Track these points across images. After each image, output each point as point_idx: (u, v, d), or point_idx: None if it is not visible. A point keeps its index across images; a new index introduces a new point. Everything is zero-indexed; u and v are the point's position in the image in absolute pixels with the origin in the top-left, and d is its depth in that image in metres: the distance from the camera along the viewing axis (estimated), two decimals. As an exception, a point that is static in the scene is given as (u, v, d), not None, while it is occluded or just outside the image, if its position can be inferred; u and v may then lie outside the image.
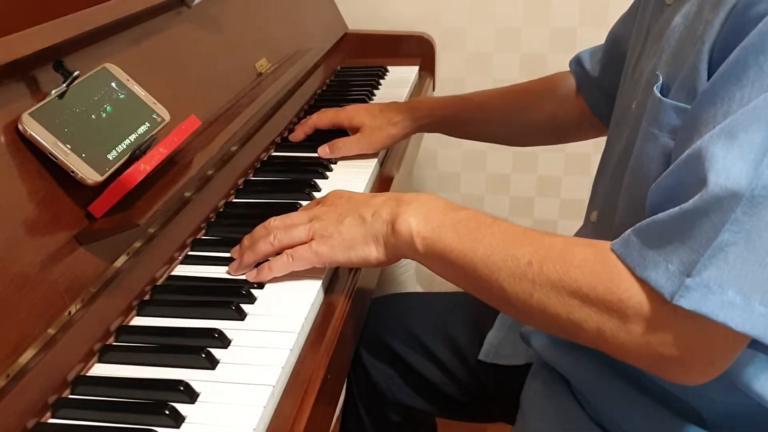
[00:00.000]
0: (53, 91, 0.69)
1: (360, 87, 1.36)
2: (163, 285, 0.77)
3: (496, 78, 1.65)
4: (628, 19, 0.93)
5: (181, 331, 0.69)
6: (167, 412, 0.58)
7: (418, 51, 1.56)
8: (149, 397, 0.61)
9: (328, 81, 1.40)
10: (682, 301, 0.54)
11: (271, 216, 0.79)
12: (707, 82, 0.59)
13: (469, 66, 1.66)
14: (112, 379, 0.63)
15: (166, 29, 0.93)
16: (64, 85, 0.70)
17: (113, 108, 0.75)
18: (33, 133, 0.65)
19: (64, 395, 0.62)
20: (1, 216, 0.61)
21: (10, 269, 0.60)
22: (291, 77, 1.13)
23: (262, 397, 0.60)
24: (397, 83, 1.41)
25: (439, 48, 1.59)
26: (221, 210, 0.92)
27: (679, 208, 0.56)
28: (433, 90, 1.58)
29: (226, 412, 0.59)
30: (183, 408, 0.59)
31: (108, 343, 0.68)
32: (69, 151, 0.67)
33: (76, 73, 0.71)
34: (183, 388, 0.60)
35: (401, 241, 0.70)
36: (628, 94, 0.78)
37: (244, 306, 0.71)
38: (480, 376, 0.96)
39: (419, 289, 1.80)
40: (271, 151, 1.09)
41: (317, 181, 0.98)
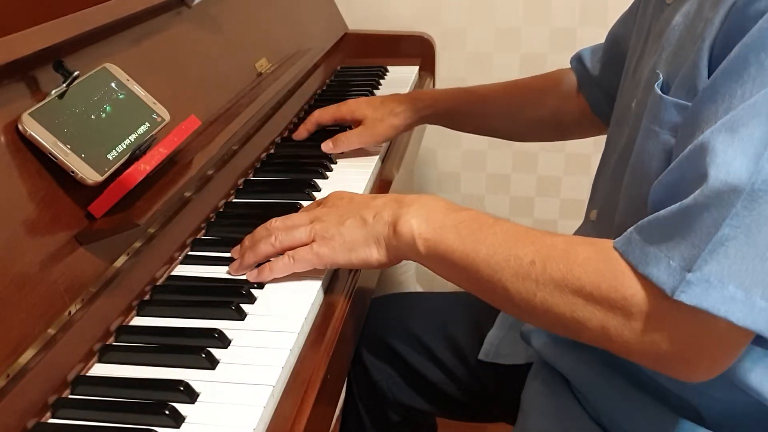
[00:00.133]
0: (53, 91, 0.69)
1: (360, 87, 1.36)
2: (163, 285, 0.77)
3: (496, 78, 1.63)
4: (628, 18, 0.93)
5: (181, 331, 0.69)
6: (167, 412, 0.58)
7: (418, 51, 1.56)
8: (149, 397, 0.61)
9: (328, 81, 1.40)
10: (683, 297, 0.54)
11: (271, 216, 0.79)
12: (707, 79, 0.60)
13: (469, 66, 1.66)
14: (112, 379, 0.63)
15: (166, 29, 0.93)
16: (64, 85, 0.70)
17: (113, 108, 0.75)
18: (33, 133, 0.65)
19: (64, 395, 0.62)
20: (1, 216, 0.61)
21: (10, 269, 0.60)
22: (291, 77, 1.13)
23: (262, 397, 0.60)
24: (397, 83, 1.41)
25: (439, 48, 1.59)
26: (221, 210, 0.92)
27: (679, 203, 0.56)
28: (433, 90, 1.58)
29: (226, 412, 0.59)
30: (183, 408, 0.59)
31: (108, 343, 0.68)
32: (69, 151, 0.67)
33: (76, 73, 0.71)
34: (183, 388, 0.60)
35: (403, 243, 0.70)
36: (629, 94, 0.78)
37: (244, 306, 0.71)
38: (480, 376, 0.96)
39: (419, 289, 1.80)
40: (271, 150, 1.10)
41: (317, 181, 0.98)
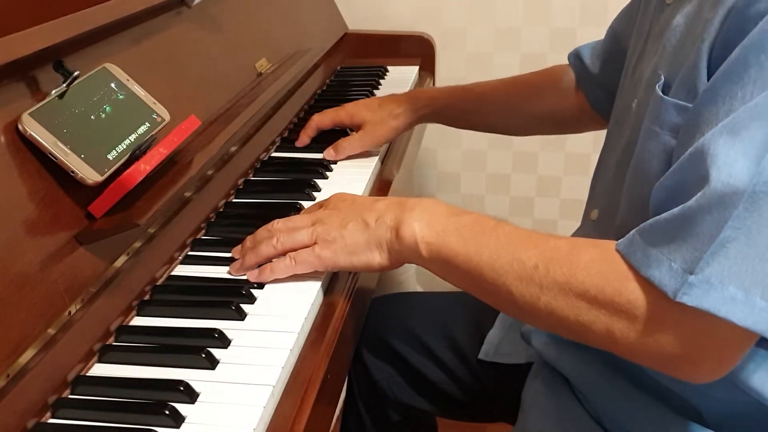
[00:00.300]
0: (53, 91, 0.69)
1: (360, 87, 1.36)
2: (163, 285, 0.77)
3: (496, 78, 1.65)
4: (628, 15, 0.93)
5: (181, 331, 0.69)
6: (167, 412, 0.58)
7: (418, 51, 1.55)
8: (149, 397, 0.61)
9: (328, 81, 1.40)
10: (685, 298, 0.54)
11: (271, 216, 0.79)
12: (707, 80, 0.60)
13: (469, 66, 1.66)
14: (112, 379, 0.63)
15: (166, 29, 0.93)
16: (64, 85, 0.70)
17: (113, 108, 0.75)
18: (33, 133, 0.65)
19: (64, 395, 0.62)
20: (1, 216, 0.61)
21: (10, 269, 0.60)
22: (291, 77, 1.12)
23: (262, 397, 0.60)
24: (397, 83, 1.41)
25: (439, 48, 1.59)
26: (221, 210, 0.92)
27: (681, 206, 0.56)
28: (433, 90, 1.57)
29: (226, 412, 0.59)
30: (183, 408, 0.59)
31: (108, 343, 0.68)
32: (69, 151, 0.67)
33: (76, 73, 0.71)
34: (183, 388, 0.60)
35: (405, 247, 0.70)
36: (629, 94, 0.78)
37: (244, 306, 0.71)
38: (480, 376, 0.96)
39: (419, 289, 1.80)
40: (271, 151, 1.10)
41: (317, 181, 0.98)
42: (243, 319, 0.70)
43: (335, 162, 1.05)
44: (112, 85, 0.77)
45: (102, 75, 0.77)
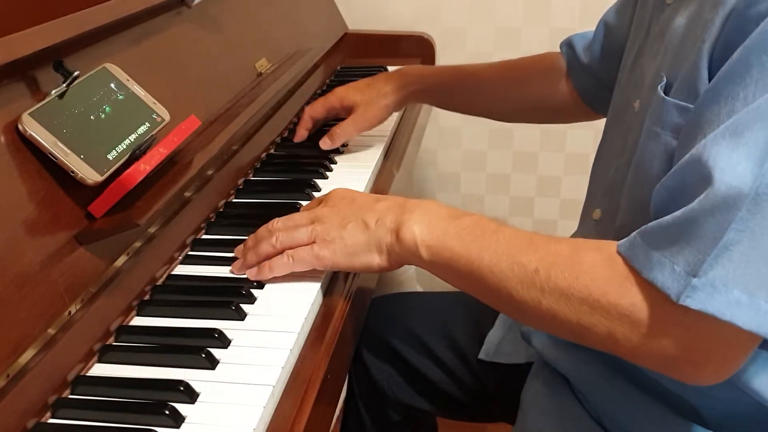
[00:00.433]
0: (53, 91, 0.69)
1: (360, 87, 1.35)
2: (163, 285, 0.77)
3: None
4: (624, 9, 0.93)
5: (181, 331, 0.69)
6: (167, 412, 0.58)
7: (418, 51, 1.55)
8: (149, 397, 0.61)
9: (328, 81, 1.40)
10: (689, 302, 0.54)
11: (271, 216, 0.78)
12: (708, 81, 0.59)
13: (469, 66, 1.66)
14: (112, 379, 0.63)
15: (166, 29, 0.93)
16: (64, 85, 0.70)
17: (113, 108, 0.75)
18: (33, 133, 0.65)
19: (64, 395, 0.62)
20: (1, 216, 0.61)
21: (10, 269, 0.60)
22: (291, 77, 1.12)
23: (262, 397, 0.60)
24: (397, 83, 1.41)
25: (439, 48, 1.59)
26: (221, 210, 0.92)
27: (683, 209, 0.55)
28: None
29: (226, 412, 0.59)
30: (183, 408, 0.59)
31: (108, 343, 0.68)
32: (69, 151, 0.67)
33: (76, 73, 0.71)
34: (183, 388, 0.60)
35: (405, 250, 0.70)
36: (627, 91, 0.78)
37: (244, 306, 0.71)
38: (480, 376, 0.96)
39: (419, 289, 1.80)
40: (271, 150, 1.09)
41: (317, 181, 0.98)
42: (243, 319, 0.70)
43: (335, 162, 1.05)
44: (112, 85, 0.77)
45: (102, 75, 0.77)
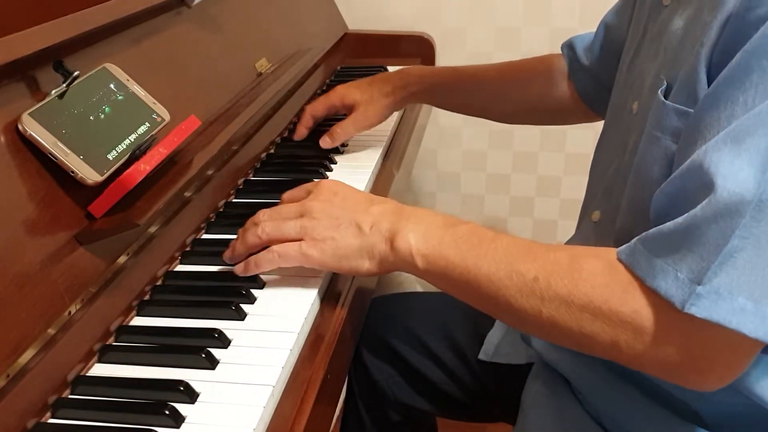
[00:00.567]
0: (53, 91, 0.69)
1: (360, 87, 1.35)
2: (163, 285, 0.77)
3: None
4: (623, 10, 0.93)
5: (181, 331, 0.69)
6: (167, 412, 0.58)
7: (418, 51, 1.56)
8: (149, 397, 0.61)
9: (328, 81, 1.40)
10: (694, 309, 0.54)
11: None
12: (707, 85, 0.59)
13: (469, 66, 1.66)
14: (112, 379, 0.63)
15: (166, 29, 0.93)
16: (64, 85, 0.70)
17: (113, 108, 0.75)
18: (33, 133, 0.65)
19: (64, 395, 0.62)
20: (1, 216, 0.61)
21: (10, 269, 0.60)
22: (291, 77, 1.12)
23: (262, 397, 0.60)
24: (397, 83, 1.41)
25: (439, 48, 1.59)
26: (221, 210, 0.92)
27: (685, 216, 0.55)
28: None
29: (226, 412, 0.59)
30: (183, 408, 0.59)
31: (108, 343, 0.68)
32: (69, 151, 0.67)
33: (76, 73, 0.71)
34: (183, 388, 0.60)
35: (399, 259, 0.69)
36: (624, 92, 0.78)
37: (244, 306, 0.71)
38: (480, 376, 0.96)
39: (419, 289, 1.80)
40: (271, 150, 1.09)
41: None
42: (243, 319, 0.70)
43: (335, 162, 1.05)
44: (112, 85, 0.77)
45: (102, 75, 0.77)
